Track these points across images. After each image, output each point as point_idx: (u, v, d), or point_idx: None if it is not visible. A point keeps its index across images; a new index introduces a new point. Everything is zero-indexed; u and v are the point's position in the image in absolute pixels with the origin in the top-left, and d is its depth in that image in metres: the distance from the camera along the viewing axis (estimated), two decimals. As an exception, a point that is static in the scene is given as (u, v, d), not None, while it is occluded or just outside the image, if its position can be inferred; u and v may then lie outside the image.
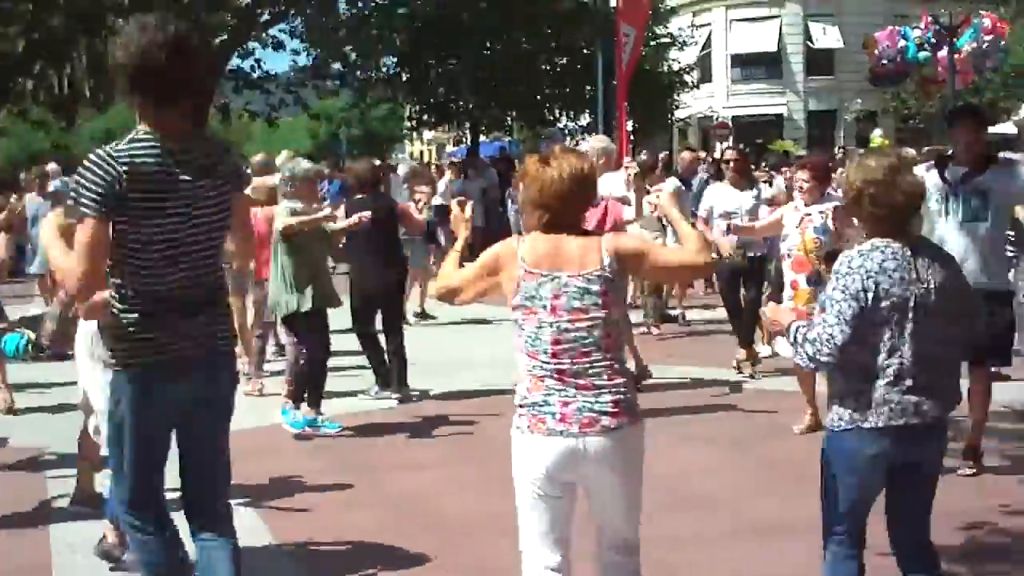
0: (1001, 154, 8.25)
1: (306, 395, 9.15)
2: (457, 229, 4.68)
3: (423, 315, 15.41)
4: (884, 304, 4.17)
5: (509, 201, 25.49)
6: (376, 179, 10.84)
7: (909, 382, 4.20)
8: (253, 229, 5.23)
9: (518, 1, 29.19)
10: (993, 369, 7.93)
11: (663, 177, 14.46)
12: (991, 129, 24.98)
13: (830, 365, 4.27)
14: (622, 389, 4.06)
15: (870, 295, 4.16)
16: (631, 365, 9.68)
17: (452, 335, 14.47)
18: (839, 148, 31.97)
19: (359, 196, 10.45)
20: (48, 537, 6.59)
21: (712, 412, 9.53)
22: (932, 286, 4.22)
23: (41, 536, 6.62)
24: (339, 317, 9.95)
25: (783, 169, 16.49)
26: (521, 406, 4.14)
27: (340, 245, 10.01)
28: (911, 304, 4.19)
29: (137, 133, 4.08)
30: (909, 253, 4.25)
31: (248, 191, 10.90)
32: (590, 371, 4.03)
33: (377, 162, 16.97)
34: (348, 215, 10.04)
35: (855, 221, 4.53)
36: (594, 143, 10.49)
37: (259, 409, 9.61)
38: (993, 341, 7.17)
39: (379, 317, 10.44)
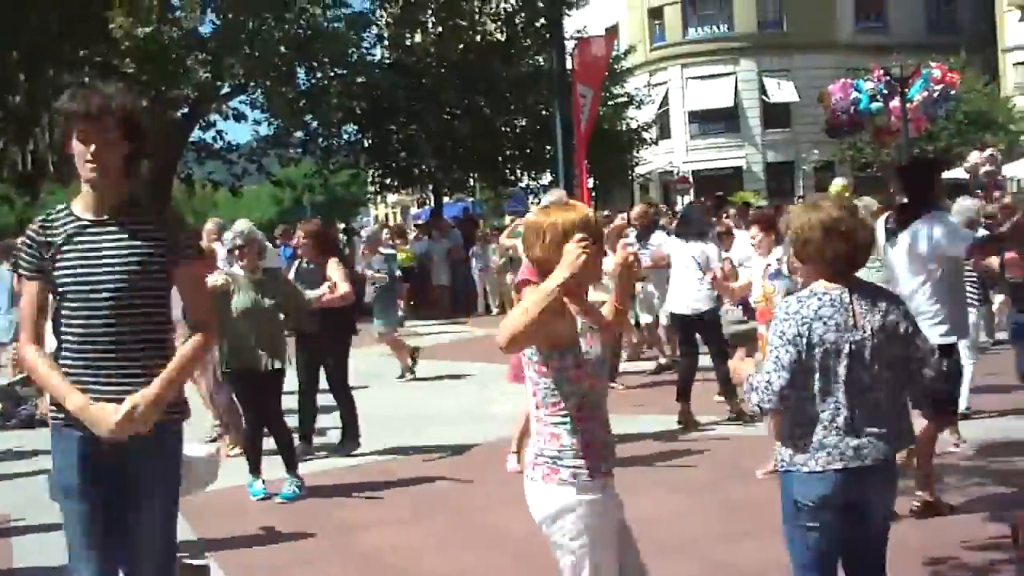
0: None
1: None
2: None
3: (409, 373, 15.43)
4: (818, 350, 4.23)
5: (473, 260, 25.73)
6: (323, 243, 10.69)
7: (847, 426, 4.24)
8: None
9: (477, 66, 29.52)
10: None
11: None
12: (945, 175, 25.30)
13: (772, 410, 4.33)
14: (543, 447, 4.11)
15: (804, 340, 4.23)
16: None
17: (421, 391, 14.49)
18: (799, 198, 32.35)
19: (307, 263, 10.58)
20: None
21: (678, 458, 9.58)
22: (870, 331, 4.27)
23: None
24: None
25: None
26: None
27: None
28: (846, 350, 4.23)
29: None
30: (848, 299, 4.30)
31: None
32: (535, 425, 4.19)
33: (341, 226, 17.16)
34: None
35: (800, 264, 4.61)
36: (550, 197, 10.51)
37: (227, 468, 9.63)
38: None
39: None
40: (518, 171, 33.93)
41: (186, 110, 26.53)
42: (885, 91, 31.09)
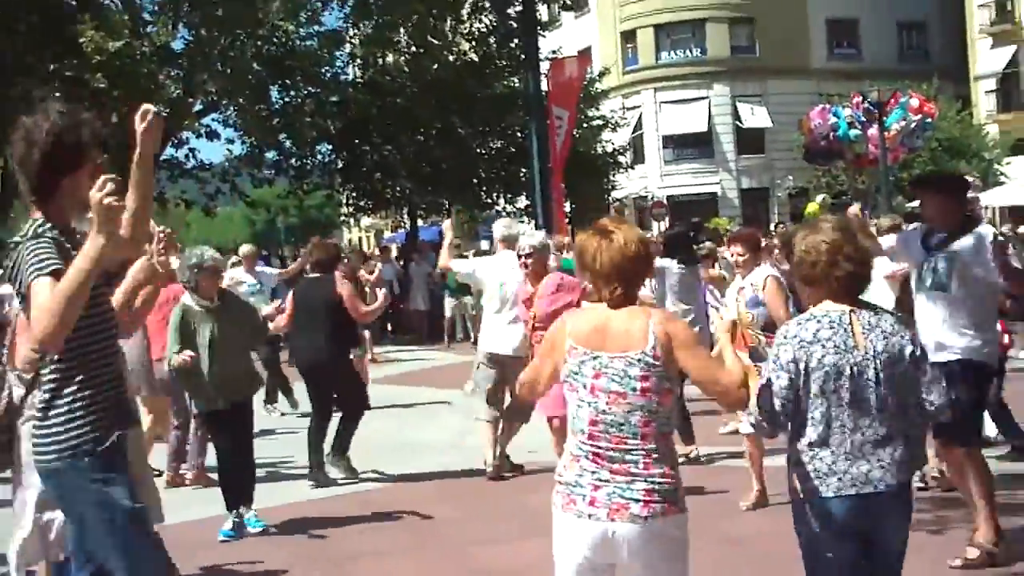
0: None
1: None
2: None
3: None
4: (818, 373, 4.18)
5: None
6: (328, 261, 10.52)
7: (855, 451, 4.17)
8: None
9: (452, 87, 29.34)
10: None
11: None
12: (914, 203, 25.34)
13: (765, 434, 4.44)
14: (658, 479, 3.93)
15: (802, 365, 4.18)
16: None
17: (403, 419, 14.16)
18: (775, 225, 32.27)
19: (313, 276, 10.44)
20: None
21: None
22: (872, 352, 4.18)
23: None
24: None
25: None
26: (558, 482, 4.06)
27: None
28: (847, 372, 4.16)
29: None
30: (848, 320, 4.23)
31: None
32: (627, 457, 3.93)
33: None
34: (295, 297, 10.12)
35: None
36: (533, 240, 9.73)
37: (203, 500, 9.34)
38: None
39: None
40: (494, 194, 33.70)
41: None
42: (863, 118, 31.18)
